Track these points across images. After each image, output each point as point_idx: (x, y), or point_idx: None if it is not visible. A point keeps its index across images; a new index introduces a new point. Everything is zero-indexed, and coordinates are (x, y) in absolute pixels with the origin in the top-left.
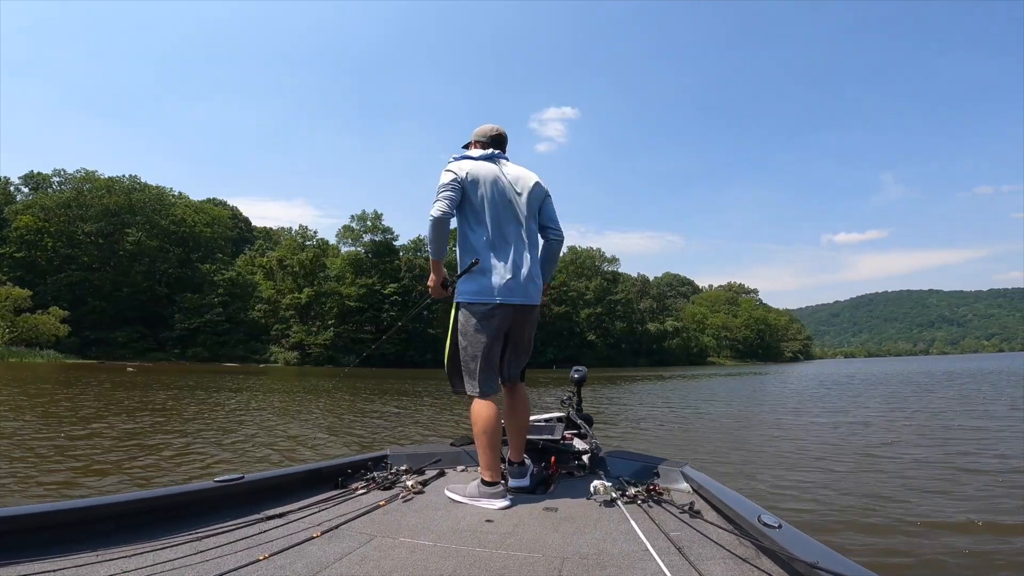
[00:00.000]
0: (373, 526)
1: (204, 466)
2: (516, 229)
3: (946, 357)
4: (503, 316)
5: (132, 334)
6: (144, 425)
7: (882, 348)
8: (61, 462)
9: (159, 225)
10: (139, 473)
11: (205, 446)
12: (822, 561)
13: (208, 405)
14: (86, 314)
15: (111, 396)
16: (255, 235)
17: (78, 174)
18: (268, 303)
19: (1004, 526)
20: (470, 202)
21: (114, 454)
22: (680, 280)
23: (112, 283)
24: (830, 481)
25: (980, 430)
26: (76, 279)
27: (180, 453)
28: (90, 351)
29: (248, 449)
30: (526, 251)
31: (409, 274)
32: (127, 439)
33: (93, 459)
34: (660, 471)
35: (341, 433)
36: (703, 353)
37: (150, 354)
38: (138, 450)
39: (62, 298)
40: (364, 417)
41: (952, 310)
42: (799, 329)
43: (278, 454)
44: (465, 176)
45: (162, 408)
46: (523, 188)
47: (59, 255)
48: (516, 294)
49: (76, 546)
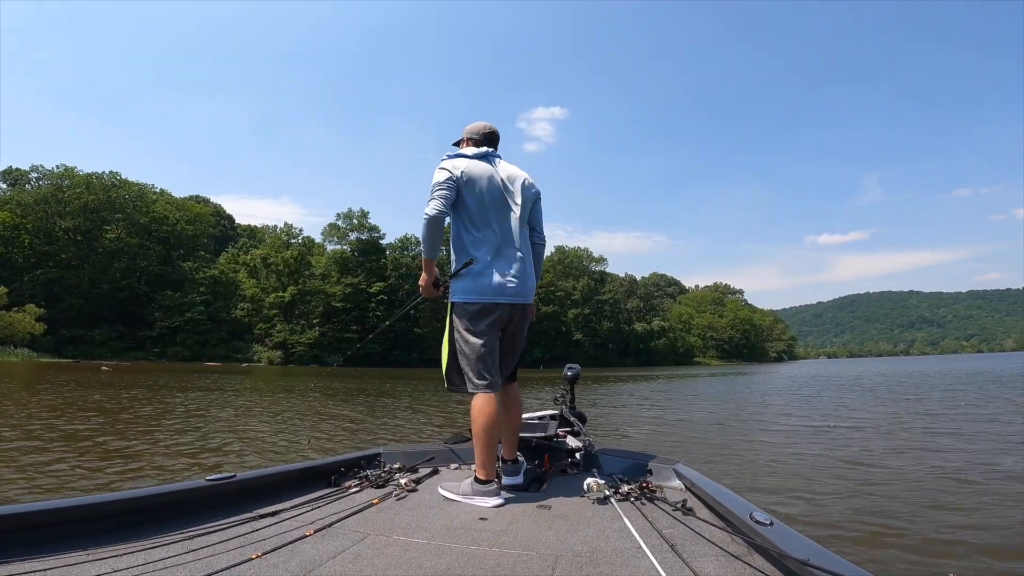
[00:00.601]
0: (366, 524)
1: (130, 473)
2: (510, 228)
3: (927, 357)
4: (499, 314)
5: (111, 333)
6: (91, 426)
7: (864, 348)
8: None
9: (139, 222)
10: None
11: (147, 447)
12: (813, 558)
13: (168, 405)
14: (63, 312)
15: (72, 396)
16: (239, 233)
17: (57, 170)
18: (251, 302)
19: (1000, 525)
20: (464, 201)
21: (34, 456)
22: (667, 280)
23: (90, 281)
24: (821, 479)
25: (975, 433)
26: (53, 276)
27: (112, 456)
28: (67, 350)
29: (193, 452)
30: (520, 250)
31: (395, 273)
32: (61, 441)
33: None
34: (653, 469)
35: (300, 436)
36: (689, 353)
37: (129, 353)
38: (67, 452)
39: (39, 295)
40: (323, 421)
41: (932, 311)
42: (783, 329)
43: (228, 460)
44: (460, 175)
45: (116, 408)
46: (517, 188)
47: (36, 252)
48: (511, 293)
49: (66, 545)
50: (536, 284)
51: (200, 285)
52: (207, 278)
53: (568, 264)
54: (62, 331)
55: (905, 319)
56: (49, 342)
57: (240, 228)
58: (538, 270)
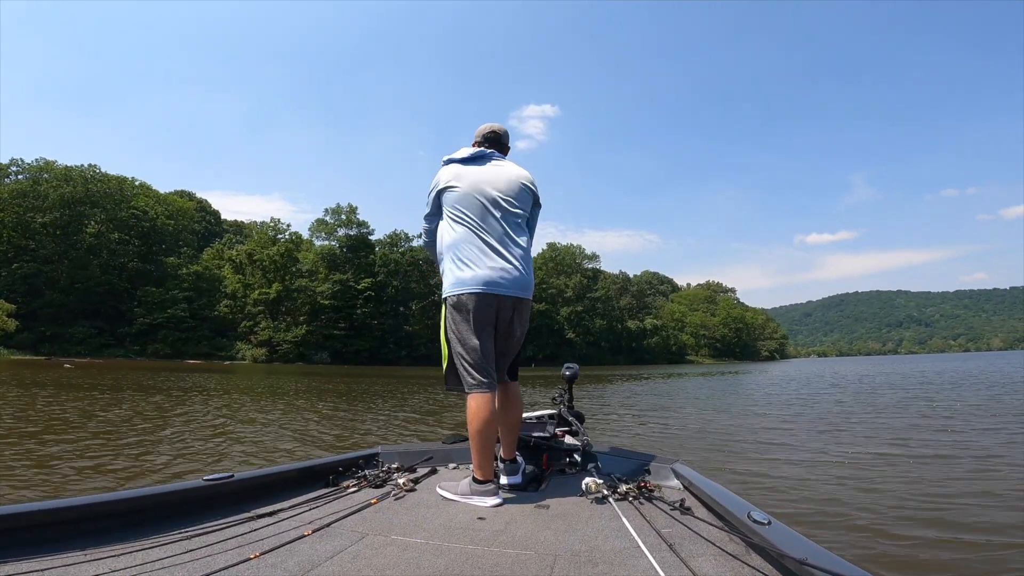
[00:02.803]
0: (365, 524)
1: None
2: (500, 226)
3: (915, 356)
4: (489, 309)
5: (90, 330)
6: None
7: (853, 347)
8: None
9: (119, 216)
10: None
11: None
12: (811, 557)
13: (122, 408)
14: (42, 308)
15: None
16: (225, 229)
17: (36, 163)
18: (233, 298)
19: (1000, 526)
20: (450, 203)
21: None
22: (659, 278)
23: (69, 276)
24: (819, 479)
25: (974, 432)
26: (30, 271)
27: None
28: (44, 347)
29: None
30: (512, 247)
31: (384, 269)
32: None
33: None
34: (651, 468)
35: (240, 444)
36: (682, 351)
37: (108, 350)
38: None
39: (16, 291)
40: (311, 422)
41: (920, 310)
42: (775, 328)
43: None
44: (444, 184)
45: (48, 410)
46: (509, 186)
47: (13, 246)
48: (500, 285)
49: (64, 545)
50: (531, 268)
51: (183, 281)
52: (190, 274)
53: (560, 261)
54: (41, 328)
55: (893, 318)
56: (26, 339)
57: (227, 224)
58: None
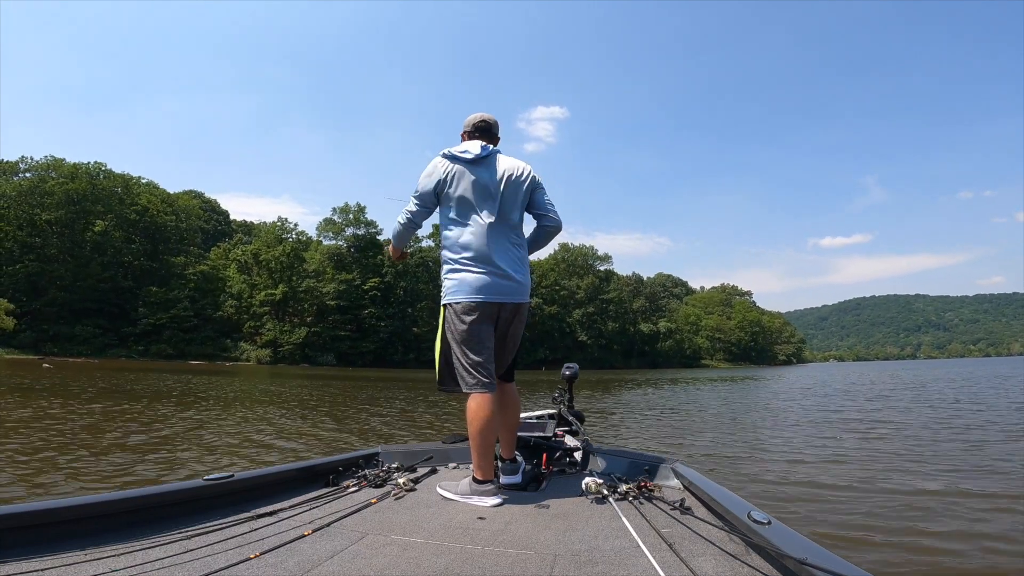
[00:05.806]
0: (365, 524)
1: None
2: (497, 224)
3: (935, 361)
4: (490, 314)
5: (93, 329)
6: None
7: (870, 352)
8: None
9: (124, 215)
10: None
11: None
12: (811, 557)
13: (71, 413)
14: (45, 306)
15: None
16: (234, 229)
17: (45, 160)
18: (238, 299)
19: (1000, 527)
20: (449, 200)
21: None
22: (673, 281)
23: (73, 274)
24: (820, 479)
25: (984, 439)
26: (34, 270)
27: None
28: (47, 346)
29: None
30: (508, 248)
31: (392, 269)
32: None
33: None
34: (651, 468)
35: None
36: (696, 355)
37: (111, 350)
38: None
39: (19, 289)
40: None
41: (938, 315)
42: (792, 332)
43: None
44: (440, 179)
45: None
46: (505, 181)
47: (19, 243)
48: (502, 292)
49: (64, 545)
50: (529, 271)
51: (189, 281)
52: (195, 274)
53: (572, 262)
54: (43, 326)
55: (911, 322)
56: (28, 338)
57: (235, 224)
58: (538, 247)
